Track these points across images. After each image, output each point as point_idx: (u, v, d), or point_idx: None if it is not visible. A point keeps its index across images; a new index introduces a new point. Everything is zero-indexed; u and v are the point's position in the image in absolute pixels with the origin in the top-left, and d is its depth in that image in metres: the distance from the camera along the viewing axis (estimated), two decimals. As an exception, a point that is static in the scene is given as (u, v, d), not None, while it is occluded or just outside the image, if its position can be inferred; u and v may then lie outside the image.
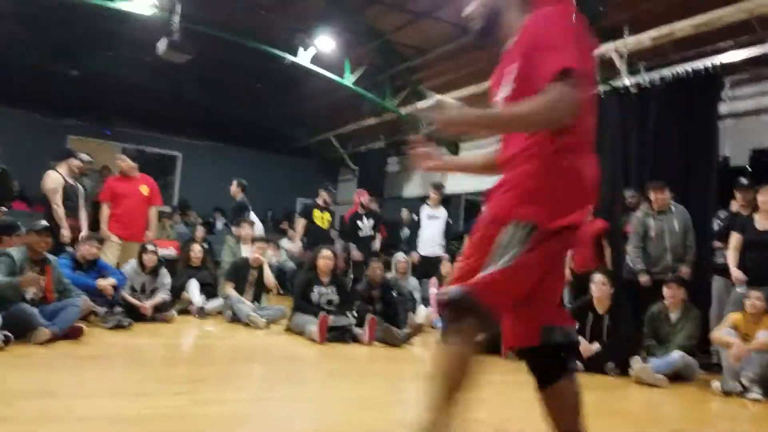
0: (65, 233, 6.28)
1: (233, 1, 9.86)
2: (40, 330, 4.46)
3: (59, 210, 6.33)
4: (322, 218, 8.61)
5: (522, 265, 1.80)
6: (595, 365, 5.22)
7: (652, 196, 6.19)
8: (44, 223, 5.16)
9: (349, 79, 10.82)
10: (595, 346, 5.32)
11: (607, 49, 7.71)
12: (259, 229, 8.47)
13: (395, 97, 11.35)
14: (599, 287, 5.49)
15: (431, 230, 8.47)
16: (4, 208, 5.77)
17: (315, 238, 8.17)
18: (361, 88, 11.03)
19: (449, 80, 10.56)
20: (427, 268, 8.30)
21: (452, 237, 8.61)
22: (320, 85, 11.45)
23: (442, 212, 8.55)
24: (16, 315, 4.43)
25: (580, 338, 5.35)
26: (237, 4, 9.82)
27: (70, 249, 6.20)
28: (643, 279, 6.05)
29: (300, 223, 8.75)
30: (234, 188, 8.62)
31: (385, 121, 12.00)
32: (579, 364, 5.26)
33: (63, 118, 12.63)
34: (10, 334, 4.20)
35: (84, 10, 9.50)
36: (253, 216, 8.46)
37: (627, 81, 7.62)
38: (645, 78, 7.44)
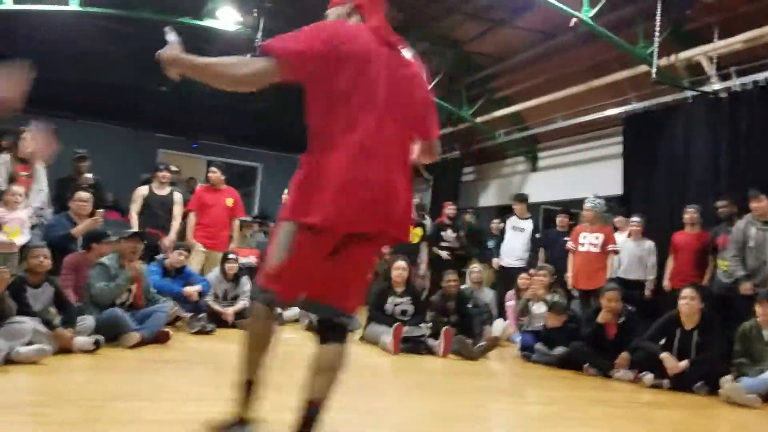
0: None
1: (311, 16, 10.09)
2: (130, 334, 4.69)
3: (131, 216, 6.80)
4: (412, 232, 8.62)
5: (291, 259, 2.14)
6: (682, 383, 4.97)
7: (750, 204, 5.88)
8: (133, 229, 5.43)
9: (424, 90, 10.85)
10: (683, 364, 5.06)
11: (696, 53, 7.40)
12: None
13: (471, 107, 11.27)
14: (688, 302, 5.23)
15: (515, 242, 8.31)
16: (101, 211, 6.13)
17: (400, 250, 8.16)
18: (436, 97, 11.04)
19: (526, 88, 10.41)
20: (506, 279, 8.17)
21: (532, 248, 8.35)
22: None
23: (527, 224, 8.37)
24: (110, 319, 4.69)
25: (667, 355, 5.12)
26: (315, 19, 10.05)
27: (159, 257, 6.50)
28: (746, 287, 5.68)
29: None
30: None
31: (460, 131, 11.94)
32: (665, 381, 5.04)
33: (153, 133, 13.28)
34: (101, 338, 4.44)
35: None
36: None
37: (717, 86, 7.28)
38: (736, 82, 7.08)
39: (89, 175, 7.09)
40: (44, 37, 10.11)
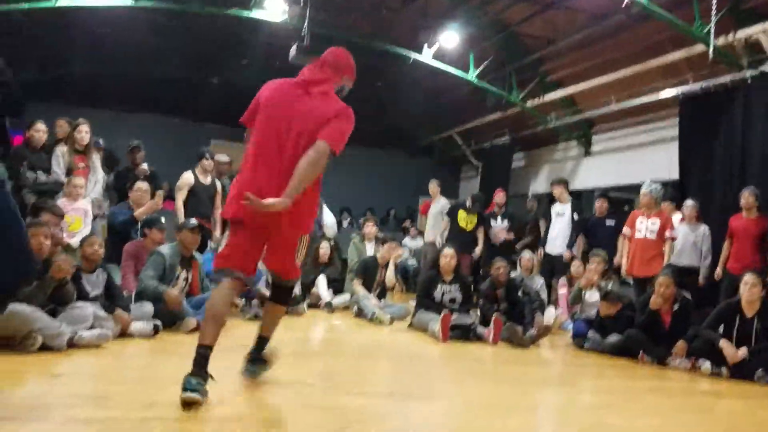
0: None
1: (359, 3, 10.10)
2: (188, 319, 4.84)
3: (177, 205, 6.84)
4: (466, 220, 8.60)
5: (228, 243, 3.21)
6: (742, 372, 4.82)
7: None
8: (195, 222, 5.55)
9: (472, 74, 10.72)
10: (743, 352, 4.90)
11: (755, 31, 7.09)
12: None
13: (521, 91, 11.10)
14: (749, 288, 5.05)
15: (557, 228, 8.20)
16: (160, 192, 6.30)
17: (455, 238, 8.17)
18: (485, 82, 10.90)
19: (579, 70, 10.18)
20: (551, 267, 8.09)
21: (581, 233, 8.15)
22: (443, 82, 11.44)
23: (566, 208, 8.22)
24: (167, 305, 4.82)
25: (726, 342, 4.97)
26: (362, 7, 10.04)
27: (212, 246, 6.65)
28: None
29: (443, 221, 8.81)
30: None
31: (510, 115, 11.77)
32: (724, 370, 4.90)
33: (206, 124, 13.55)
34: (159, 323, 4.58)
35: (221, 21, 10.14)
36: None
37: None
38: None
39: (145, 166, 7.28)
40: (98, 32, 10.42)
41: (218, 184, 7.26)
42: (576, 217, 8.14)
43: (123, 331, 4.34)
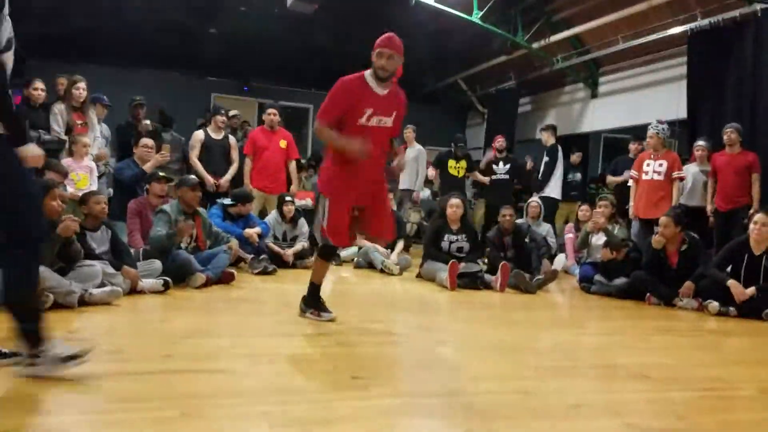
0: (209, 182, 6.83)
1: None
2: (197, 275, 4.88)
3: (194, 164, 6.91)
4: (457, 167, 8.58)
5: None
6: (750, 310, 4.86)
7: None
8: (194, 178, 5.58)
9: (477, 16, 10.44)
10: (751, 290, 4.92)
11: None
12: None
13: (527, 32, 10.83)
14: (759, 227, 5.03)
15: (541, 174, 8.63)
16: (167, 145, 6.37)
17: (449, 187, 8.16)
18: (489, 24, 10.62)
19: (585, 9, 9.90)
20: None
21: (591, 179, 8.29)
22: (446, 25, 11.14)
23: (545, 155, 8.66)
24: (175, 261, 4.87)
25: (734, 281, 4.98)
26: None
27: (220, 200, 6.66)
28: None
29: (429, 172, 8.79)
30: None
31: (515, 58, 11.52)
32: (732, 309, 4.93)
33: (206, 77, 13.36)
34: (169, 279, 4.62)
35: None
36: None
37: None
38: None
39: (147, 122, 7.23)
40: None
41: (231, 138, 7.27)
42: (547, 159, 8.56)
43: (133, 288, 4.39)
